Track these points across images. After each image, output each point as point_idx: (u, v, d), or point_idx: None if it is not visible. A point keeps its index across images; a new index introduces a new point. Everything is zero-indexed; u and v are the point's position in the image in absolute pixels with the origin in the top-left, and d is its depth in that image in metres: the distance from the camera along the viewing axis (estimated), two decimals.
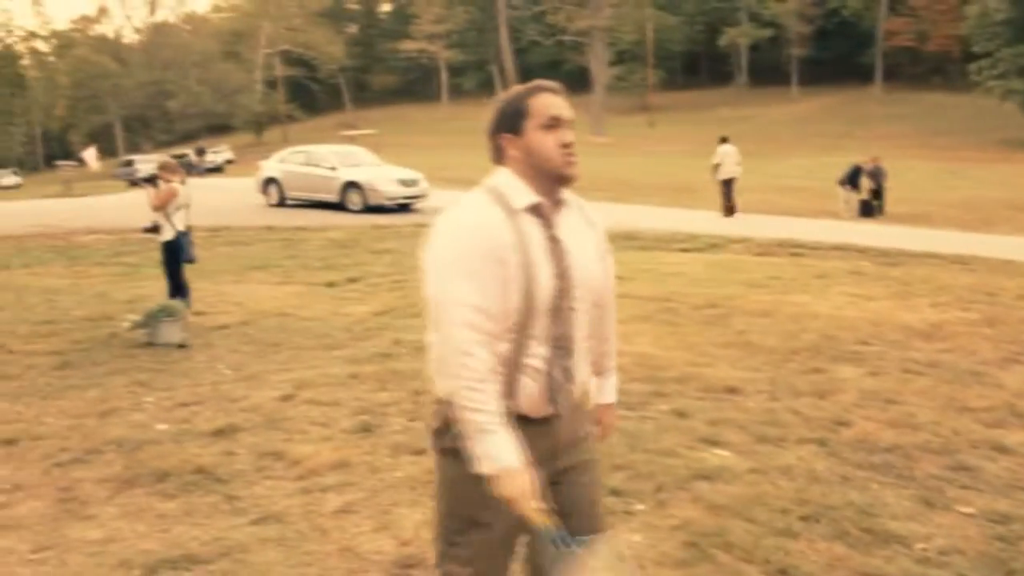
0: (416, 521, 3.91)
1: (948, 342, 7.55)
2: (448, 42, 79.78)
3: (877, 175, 19.66)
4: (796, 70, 71.20)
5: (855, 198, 19.58)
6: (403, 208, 19.82)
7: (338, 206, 19.81)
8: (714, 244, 13.63)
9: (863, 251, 13.22)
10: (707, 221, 17.23)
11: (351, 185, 19.74)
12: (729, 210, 18.01)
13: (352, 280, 10.87)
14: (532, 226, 2.13)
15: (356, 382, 6.20)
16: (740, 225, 16.31)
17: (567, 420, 2.23)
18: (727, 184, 17.96)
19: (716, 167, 18.12)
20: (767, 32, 70.13)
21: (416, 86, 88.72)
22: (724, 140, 18.45)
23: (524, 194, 2.14)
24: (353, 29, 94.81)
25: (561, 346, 2.16)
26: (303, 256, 13.15)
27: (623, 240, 13.75)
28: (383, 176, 20.08)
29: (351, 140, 36.79)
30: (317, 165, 20.65)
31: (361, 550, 3.65)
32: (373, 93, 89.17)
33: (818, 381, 6.19)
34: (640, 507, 4.12)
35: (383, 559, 3.57)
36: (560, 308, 2.14)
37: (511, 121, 2.20)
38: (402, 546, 3.68)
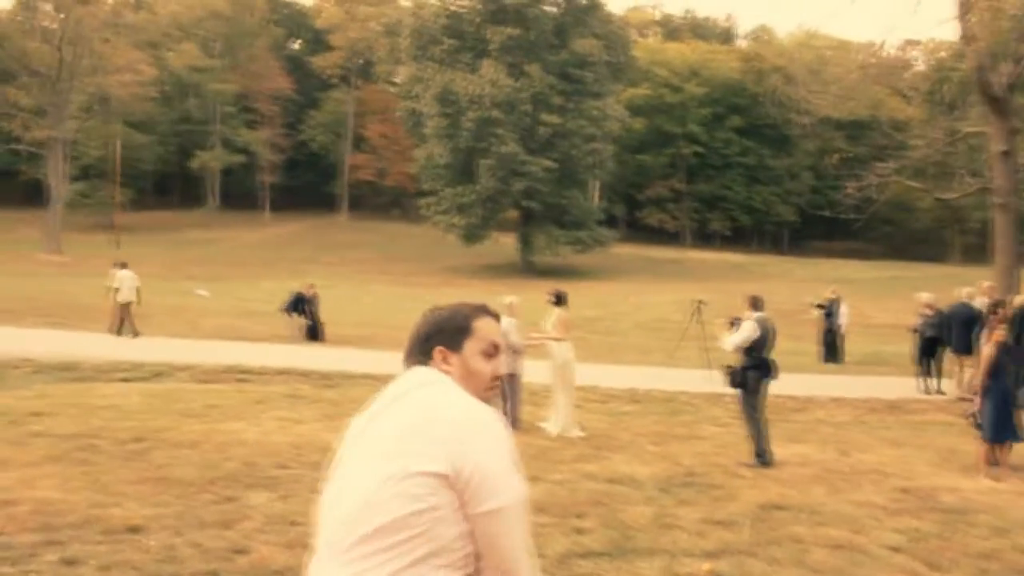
0: None
1: None
2: None
3: (311, 303, 20.64)
4: (268, 196, 73.39)
5: (300, 322, 20.36)
6: None
7: None
8: (158, 372, 13.29)
9: (306, 374, 13.85)
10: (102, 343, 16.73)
11: None
12: (132, 333, 18.38)
13: None
14: None
15: None
16: (153, 348, 16.01)
17: None
18: (125, 307, 18.49)
19: (115, 291, 18.63)
20: (239, 158, 71.52)
21: None
22: (123, 265, 19.20)
23: None
24: None
25: None
26: None
27: (59, 371, 12.85)
28: None
29: None
30: None
31: None
32: None
33: (227, 510, 6.29)
34: None
35: None
36: None
37: (452, 337, 2.15)
38: None
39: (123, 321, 18.47)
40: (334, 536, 2.00)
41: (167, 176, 77.72)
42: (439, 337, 2.15)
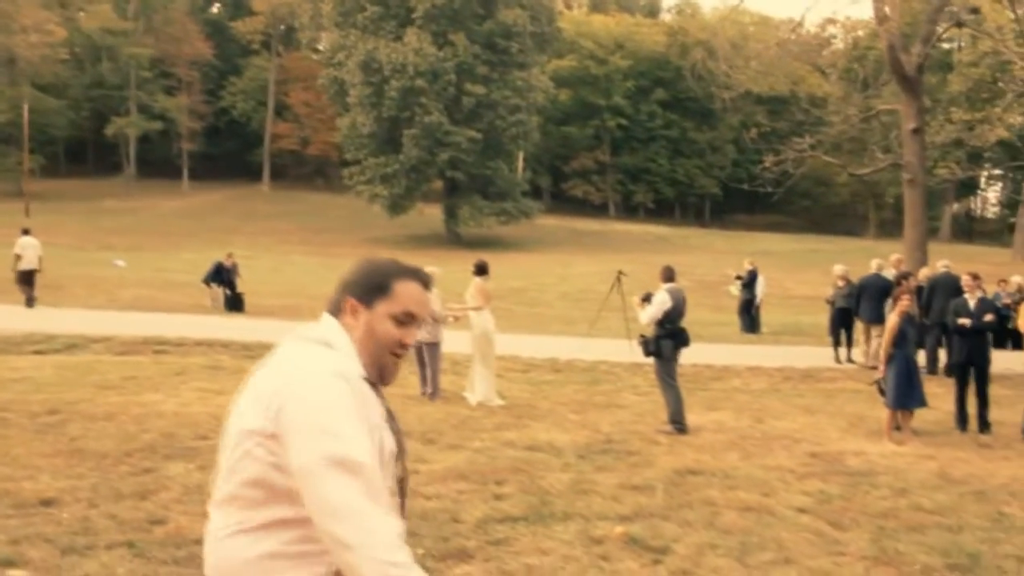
0: None
1: None
2: None
3: (231, 272, 20.48)
4: (187, 165, 71.55)
5: (221, 293, 20.18)
6: None
7: None
8: (73, 344, 13.00)
9: (227, 345, 13.68)
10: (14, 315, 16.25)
11: None
12: (30, 301, 17.87)
13: None
14: (372, 393, 1.97)
15: None
16: (68, 320, 15.51)
17: None
18: (27, 275, 17.98)
19: (17, 258, 18.18)
20: (157, 125, 69.44)
21: None
22: (26, 232, 18.78)
23: (359, 365, 1.99)
24: None
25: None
26: None
27: None
28: None
29: None
30: None
31: None
32: None
33: (144, 482, 6.24)
34: None
35: None
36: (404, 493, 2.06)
37: (367, 292, 2.04)
38: None
39: (27, 289, 17.87)
40: (213, 494, 2.02)
41: (81, 143, 75.13)
42: (355, 289, 2.05)
